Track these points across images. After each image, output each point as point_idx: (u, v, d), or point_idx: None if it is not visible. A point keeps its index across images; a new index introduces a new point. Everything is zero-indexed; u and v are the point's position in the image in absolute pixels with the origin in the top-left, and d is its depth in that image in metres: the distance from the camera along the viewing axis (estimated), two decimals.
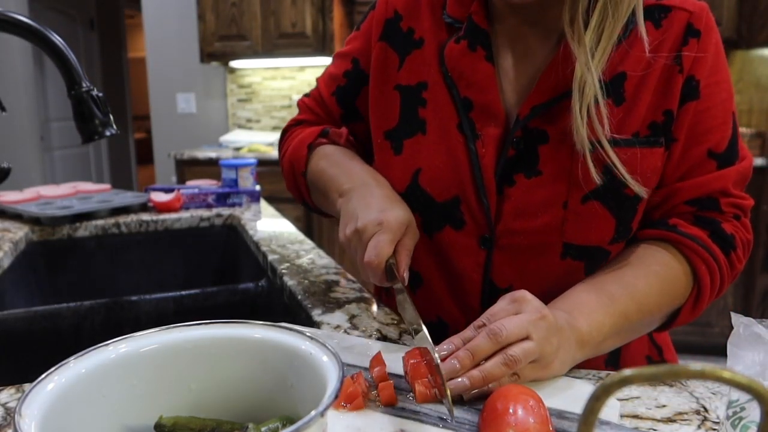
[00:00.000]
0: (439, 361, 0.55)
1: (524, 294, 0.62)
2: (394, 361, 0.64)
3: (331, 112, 0.90)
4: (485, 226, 0.74)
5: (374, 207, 0.70)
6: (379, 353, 0.63)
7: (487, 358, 0.57)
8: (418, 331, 0.62)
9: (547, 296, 0.64)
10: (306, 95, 0.96)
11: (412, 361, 0.59)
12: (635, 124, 0.70)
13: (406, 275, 0.66)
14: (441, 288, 0.80)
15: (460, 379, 0.56)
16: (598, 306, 0.66)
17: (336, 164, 0.83)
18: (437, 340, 0.81)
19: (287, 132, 0.97)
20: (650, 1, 0.72)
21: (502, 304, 0.62)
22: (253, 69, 3.90)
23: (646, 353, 0.83)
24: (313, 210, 0.93)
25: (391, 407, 0.56)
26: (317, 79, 0.94)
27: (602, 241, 0.72)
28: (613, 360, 0.79)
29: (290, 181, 0.92)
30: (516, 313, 0.60)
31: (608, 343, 0.68)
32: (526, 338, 0.57)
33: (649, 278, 0.69)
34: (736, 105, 0.75)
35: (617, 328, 0.67)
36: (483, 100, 0.74)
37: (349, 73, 0.87)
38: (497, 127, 0.73)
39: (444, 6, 0.78)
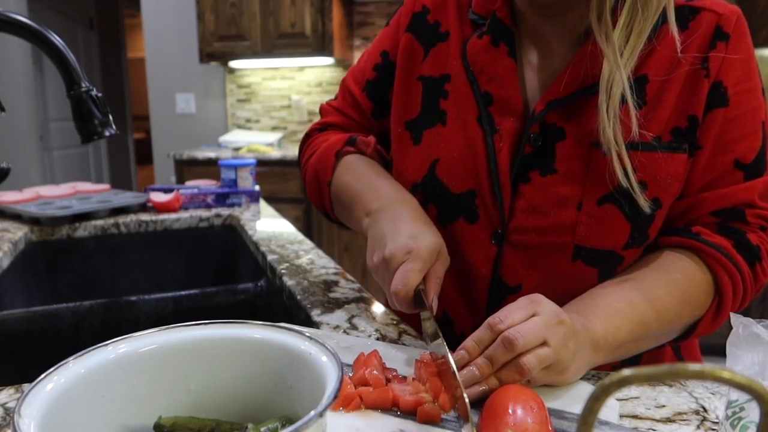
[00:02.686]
0: (463, 390, 0.53)
1: (540, 297, 0.60)
2: (391, 361, 0.64)
3: (363, 108, 0.88)
4: (498, 221, 0.73)
5: (403, 232, 0.67)
6: (362, 353, 0.62)
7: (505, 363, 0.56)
8: (441, 353, 0.60)
9: (556, 299, 0.63)
10: (331, 100, 0.94)
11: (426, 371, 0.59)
12: (656, 128, 0.68)
13: (434, 304, 0.64)
14: (449, 281, 0.78)
15: (480, 387, 0.56)
16: (615, 311, 0.65)
17: (362, 179, 0.80)
18: (443, 333, 0.81)
19: (310, 137, 0.93)
20: (679, 2, 0.69)
21: (519, 303, 0.60)
22: (252, 69, 3.90)
23: None
24: (334, 221, 0.90)
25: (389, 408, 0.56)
26: (343, 81, 0.92)
27: (615, 246, 0.70)
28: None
29: (314, 190, 0.88)
30: (533, 314, 0.58)
31: (624, 349, 0.66)
32: (543, 344, 0.56)
33: (669, 286, 0.68)
34: None
35: (634, 335, 0.65)
36: (503, 95, 0.74)
37: (379, 66, 0.86)
38: (516, 122, 0.73)
39: (470, 4, 0.79)
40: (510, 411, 0.49)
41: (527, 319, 0.57)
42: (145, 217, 1.52)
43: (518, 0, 0.75)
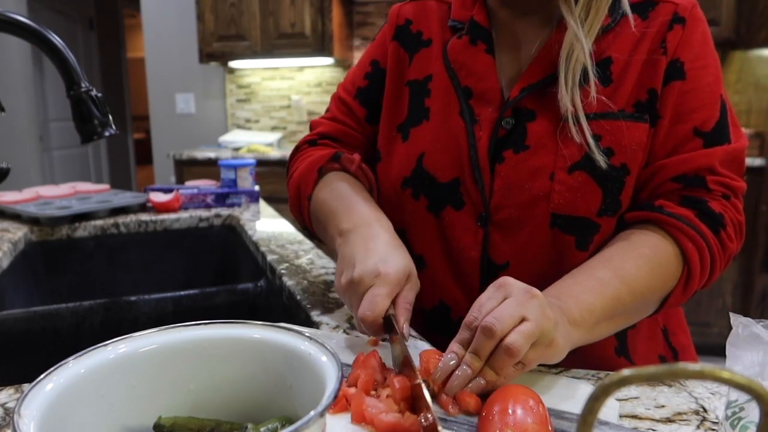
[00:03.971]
0: (429, 400, 0.51)
1: (507, 279, 0.61)
2: (390, 362, 0.64)
3: (357, 115, 0.90)
4: (481, 204, 0.77)
5: (373, 255, 0.67)
6: (361, 353, 0.62)
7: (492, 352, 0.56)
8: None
9: (542, 272, 0.64)
10: (322, 115, 0.96)
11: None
12: (620, 102, 0.73)
13: (406, 329, 0.63)
14: (443, 269, 0.81)
15: (480, 380, 0.56)
16: (586, 289, 0.66)
17: (339, 197, 0.81)
18: (440, 323, 0.83)
19: (299, 150, 0.95)
20: None
21: (488, 293, 0.60)
22: (252, 69, 3.90)
23: (660, 353, 0.83)
24: (313, 236, 0.90)
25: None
26: (333, 95, 0.95)
27: (589, 212, 0.73)
28: (623, 350, 0.79)
29: (294, 204, 0.90)
30: (503, 299, 0.58)
31: (602, 327, 0.67)
32: (522, 321, 0.56)
33: (637, 261, 0.69)
34: (734, 105, 0.76)
35: (609, 312, 0.66)
36: (482, 88, 0.79)
37: (370, 75, 0.90)
38: (494, 111, 0.77)
39: (449, 14, 0.85)
40: (510, 411, 0.49)
41: (499, 305, 0.58)
42: (144, 217, 1.52)
43: (492, 2, 0.81)
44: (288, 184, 0.93)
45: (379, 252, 0.68)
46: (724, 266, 0.74)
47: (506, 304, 0.57)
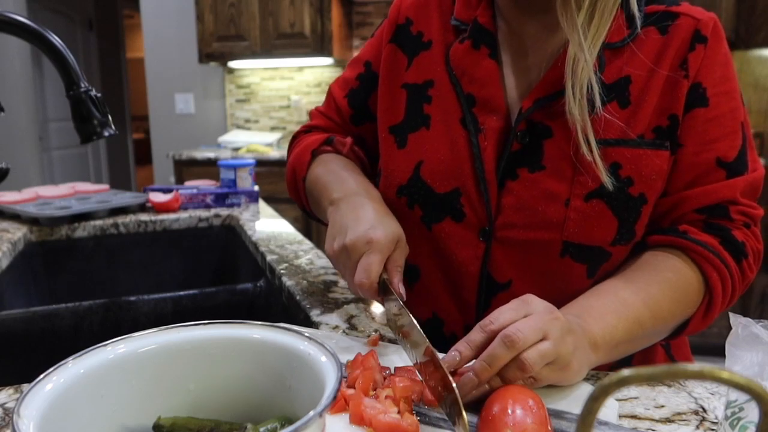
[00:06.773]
0: (455, 387, 0.52)
1: (532, 296, 0.60)
2: (390, 362, 0.64)
3: (343, 114, 0.92)
4: (485, 218, 0.74)
5: (364, 222, 0.69)
6: (359, 354, 0.62)
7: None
8: (417, 345, 0.60)
9: (547, 295, 0.62)
10: (319, 105, 0.99)
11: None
12: (640, 127, 0.70)
13: (402, 290, 0.65)
14: (438, 282, 0.79)
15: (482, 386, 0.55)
16: (611, 310, 0.65)
17: (331, 172, 0.83)
18: (432, 336, 0.81)
19: (296, 138, 0.98)
20: (658, 8, 0.73)
21: (511, 305, 0.59)
22: (251, 69, 3.90)
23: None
24: (312, 217, 0.93)
25: None
26: (329, 87, 0.96)
27: (603, 242, 0.71)
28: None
29: (291, 187, 0.93)
30: (525, 314, 0.58)
31: (621, 348, 0.66)
32: (542, 339, 0.56)
33: (661, 285, 0.68)
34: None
35: (631, 335, 0.65)
36: (485, 95, 0.75)
37: (362, 76, 0.90)
38: (499, 120, 0.74)
39: (452, 11, 0.81)
40: (509, 411, 0.49)
41: (520, 319, 0.57)
42: (144, 217, 1.52)
43: (501, 1, 0.77)
44: (286, 170, 0.96)
45: (369, 219, 0.70)
46: (742, 293, 0.74)
47: (531, 320, 0.56)
